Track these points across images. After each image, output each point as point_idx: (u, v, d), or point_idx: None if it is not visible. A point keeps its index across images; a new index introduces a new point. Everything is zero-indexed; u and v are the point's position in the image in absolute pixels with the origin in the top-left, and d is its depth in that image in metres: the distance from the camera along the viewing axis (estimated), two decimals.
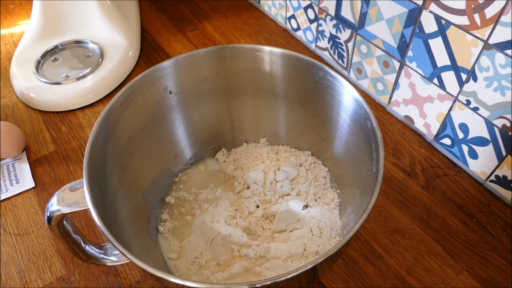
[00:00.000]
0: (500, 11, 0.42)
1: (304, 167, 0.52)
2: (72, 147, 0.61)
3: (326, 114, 0.48)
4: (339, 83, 0.44)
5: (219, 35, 0.77)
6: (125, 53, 0.71)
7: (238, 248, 0.45)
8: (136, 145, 0.47)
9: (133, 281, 0.47)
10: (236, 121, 0.55)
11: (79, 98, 0.65)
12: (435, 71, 0.52)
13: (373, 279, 0.47)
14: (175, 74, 0.48)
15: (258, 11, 0.82)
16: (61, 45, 0.72)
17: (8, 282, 0.47)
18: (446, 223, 0.51)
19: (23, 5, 0.85)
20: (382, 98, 0.63)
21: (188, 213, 0.50)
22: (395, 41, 0.55)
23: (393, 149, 0.58)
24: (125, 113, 0.45)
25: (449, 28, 0.47)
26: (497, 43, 0.44)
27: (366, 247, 0.49)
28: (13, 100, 0.67)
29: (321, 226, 0.46)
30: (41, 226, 0.52)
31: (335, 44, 0.66)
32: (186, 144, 0.54)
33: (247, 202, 0.50)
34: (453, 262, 0.48)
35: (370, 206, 0.34)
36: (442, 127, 0.55)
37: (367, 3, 0.56)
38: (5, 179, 0.57)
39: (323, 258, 0.32)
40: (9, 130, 0.57)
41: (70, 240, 0.40)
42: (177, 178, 0.54)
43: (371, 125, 0.40)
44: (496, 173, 0.52)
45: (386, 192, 0.54)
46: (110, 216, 0.39)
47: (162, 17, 0.82)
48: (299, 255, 0.44)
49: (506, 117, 0.47)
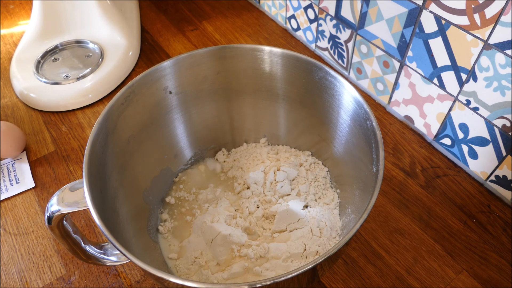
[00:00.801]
0: (500, 11, 0.42)
1: (304, 167, 0.52)
2: (72, 147, 0.61)
3: (326, 114, 0.48)
4: (339, 83, 0.44)
5: (219, 35, 0.77)
6: (125, 53, 0.71)
7: (238, 248, 0.45)
8: (136, 145, 0.47)
9: (133, 281, 0.47)
10: (236, 121, 0.55)
11: (79, 98, 0.65)
12: (435, 71, 0.52)
13: (373, 279, 0.47)
14: (175, 74, 0.48)
15: (258, 11, 0.82)
16: (61, 45, 0.72)
17: (8, 282, 0.47)
18: (446, 223, 0.51)
19: (23, 5, 0.85)
20: (382, 98, 0.63)
21: (188, 213, 0.50)
22: (395, 41, 0.55)
23: (393, 149, 0.58)
24: (125, 113, 0.45)
25: (449, 28, 0.47)
26: (497, 43, 0.44)
27: (366, 247, 0.49)
28: (13, 100, 0.67)
29: (321, 226, 0.46)
30: (41, 226, 0.52)
31: (335, 44, 0.66)
32: (186, 144, 0.54)
33: (247, 202, 0.50)
34: (453, 262, 0.48)
35: (370, 206, 0.34)
36: (442, 127, 0.55)
37: (367, 3, 0.56)
38: (5, 179, 0.57)
39: (323, 258, 0.32)
40: (9, 130, 0.57)
41: (70, 240, 0.40)
42: (177, 178, 0.54)
43: (371, 125, 0.40)
44: (496, 173, 0.52)
45: (386, 192, 0.54)
46: (110, 216, 0.39)
47: (162, 17, 0.82)
48: (299, 255, 0.44)
49: (506, 117, 0.47)
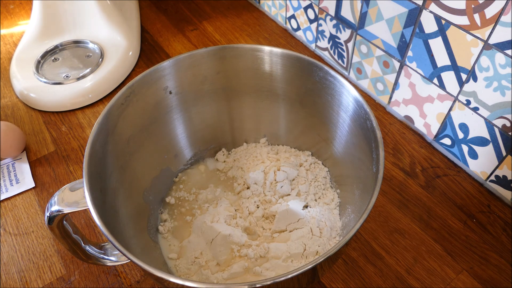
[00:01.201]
0: (500, 11, 0.42)
1: (304, 167, 0.52)
2: (72, 147, 0.61)
3: (326, 114, 0.48)
4: (339, 83, 0.44)
5: (219, 35, 0.77)
6: (125, 53, 0.71)
7: (238, 248, 0.45)
8: (136, 145, 0.47)
9: (133, 281, 0.47)
10: (236, 121, 0.55)
11: (79, 98, 0.65)
12: (435, 71, 0.52)
13: (373, 279, 0.47)
14: (175, 74, 0.48)
15: (258, 11, 0.82)
16: (61, 45, 0.72)
17: (8, 282, 0.47)
18: (446, 223, 0.51)
19: (23, 5, 0.85)
20: (382, 98, 0.63)
21: (188, 213, 0.50)
22: (395, 41, 0.55)
23: (393, 149, 0.58)
24: (125, 113, 0.45)
25: (449, 28, 0.47)
26: (497, 43, 0.44)
27: (366, 247, 0.49)
28: (13, 100, 0.67)
29: (321, 226, 0.46)
30: (41, 226, 0.52)
31: (335, 44, 0.66)
32: (186, 144, 0.54)
33: (247, 202, 0.50)
34: (453, 262, 0.48)
35: (370, 206, 0.34)
36: (442, 127, 0.55)
37: (367, 3, 0.56)
38: (5, 179, 0.57)
39: (323, 258, 0.32)
40: (9, 130, 0.57)
41: (70, 240, 0.40)
42: (177, 178, 0.54)
43: (371, 125, 0.40)
44: (496, 173, 0.52)
45: (386, 192, 0.54)
46: (110, 216, 0.39)
47: (162, 17, 0.82)
48: (299, 255, 0.44)
49: (506, 117, 0.47)
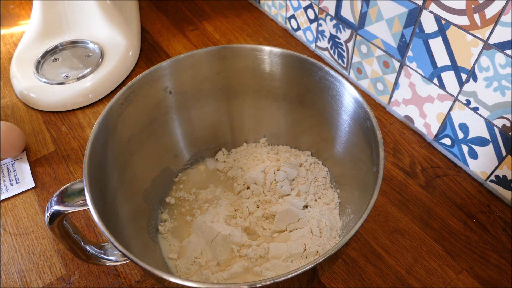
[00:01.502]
0: (500, 11, 0.42)
1: (304, 167, 0.52)
2: (72, 147, 0.61)
3: (326, 114, 0.48)
4: (339, 83, 0.44)
5: (219, 35, 0.77)
6: (125, 53, 0.71)
7: (238, 248, 0.45)
8: (136, 145, 0.47)
9: (133, 281, 0.47)
10: (236, 121, 0.55)
11: (79, 98, 0.65)
12: (435, 71, 0.52)
13: (373, 279, 0.47)
14: (175, 74, 0.48)
15: (258, 11, 0.82)
16: (61, 45, 0.72)
17: (8, 282, 0.47)
18: (446, 223, 0.51)
19: (23, 5, 0.85)
20: (382, 98, 0.63)
21: (188, 213, 0.50)
22: (395, 41, 0.55)
23: (393, 149, 0.58)
24: (125, 113, 0.45)
25: (449, 28, 0.47)
26: (497, 43, 0.44)
27: (366, 247, 0.49)
28: (13, 100, 0.67)
29: (321, 226, 0.46)
30: (41, 226, 0.52)
31: (335, 44, 0.66)
32: (186, 144, 0.54)
33: (247, 202, 0.50)
34: (453, 262, 0.48)
35: (370, 206, 0.34)
36: (442, 127, 0.55)
37: (367, 3, 0.56)
38: (5, 179, 0.57)
39: (323, 258, 0.32)
40: (9, 130, 0.57)
41: (70, 240, 0.40)
42: (177, 178, 0.54)
43: (371, 125, 0.40)
44: (496, 173, 0.52)
45: (386, 192, 0.54)
46: (110, 216, 0.39)
47: (162, 17, 0.82)
48: (299, 255, 0.44)
49: (506, 117, 0.47)
